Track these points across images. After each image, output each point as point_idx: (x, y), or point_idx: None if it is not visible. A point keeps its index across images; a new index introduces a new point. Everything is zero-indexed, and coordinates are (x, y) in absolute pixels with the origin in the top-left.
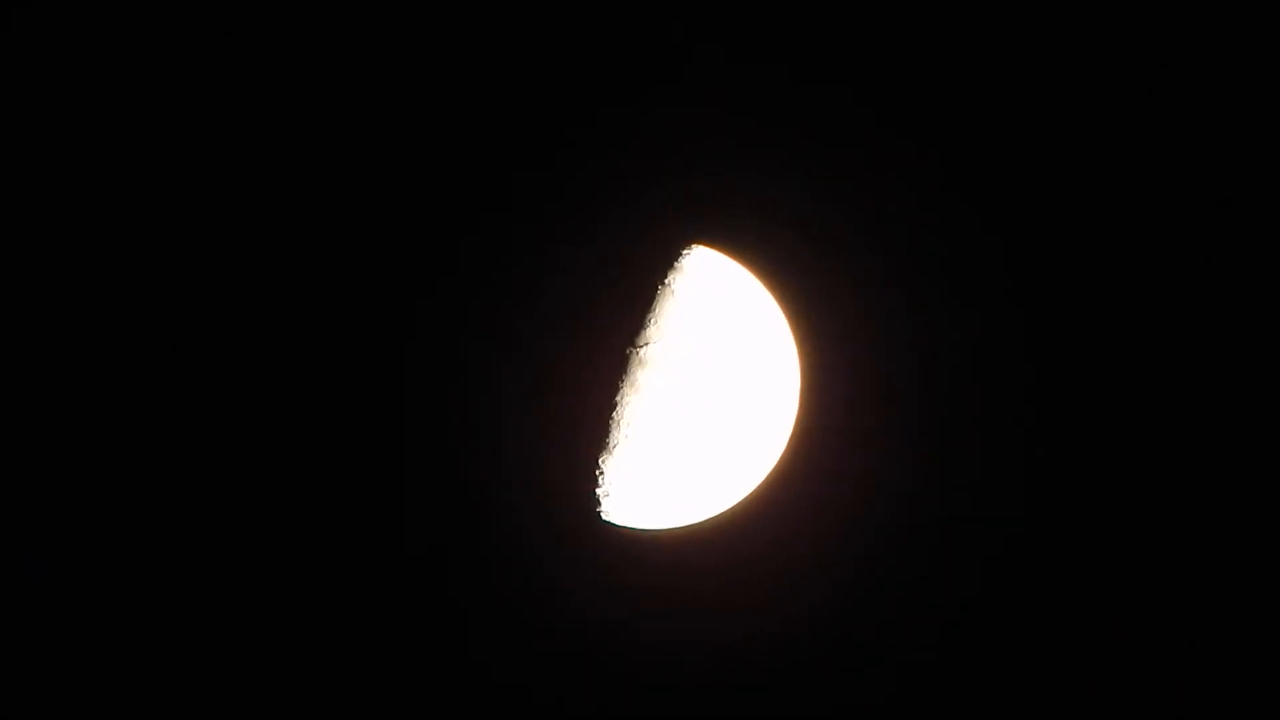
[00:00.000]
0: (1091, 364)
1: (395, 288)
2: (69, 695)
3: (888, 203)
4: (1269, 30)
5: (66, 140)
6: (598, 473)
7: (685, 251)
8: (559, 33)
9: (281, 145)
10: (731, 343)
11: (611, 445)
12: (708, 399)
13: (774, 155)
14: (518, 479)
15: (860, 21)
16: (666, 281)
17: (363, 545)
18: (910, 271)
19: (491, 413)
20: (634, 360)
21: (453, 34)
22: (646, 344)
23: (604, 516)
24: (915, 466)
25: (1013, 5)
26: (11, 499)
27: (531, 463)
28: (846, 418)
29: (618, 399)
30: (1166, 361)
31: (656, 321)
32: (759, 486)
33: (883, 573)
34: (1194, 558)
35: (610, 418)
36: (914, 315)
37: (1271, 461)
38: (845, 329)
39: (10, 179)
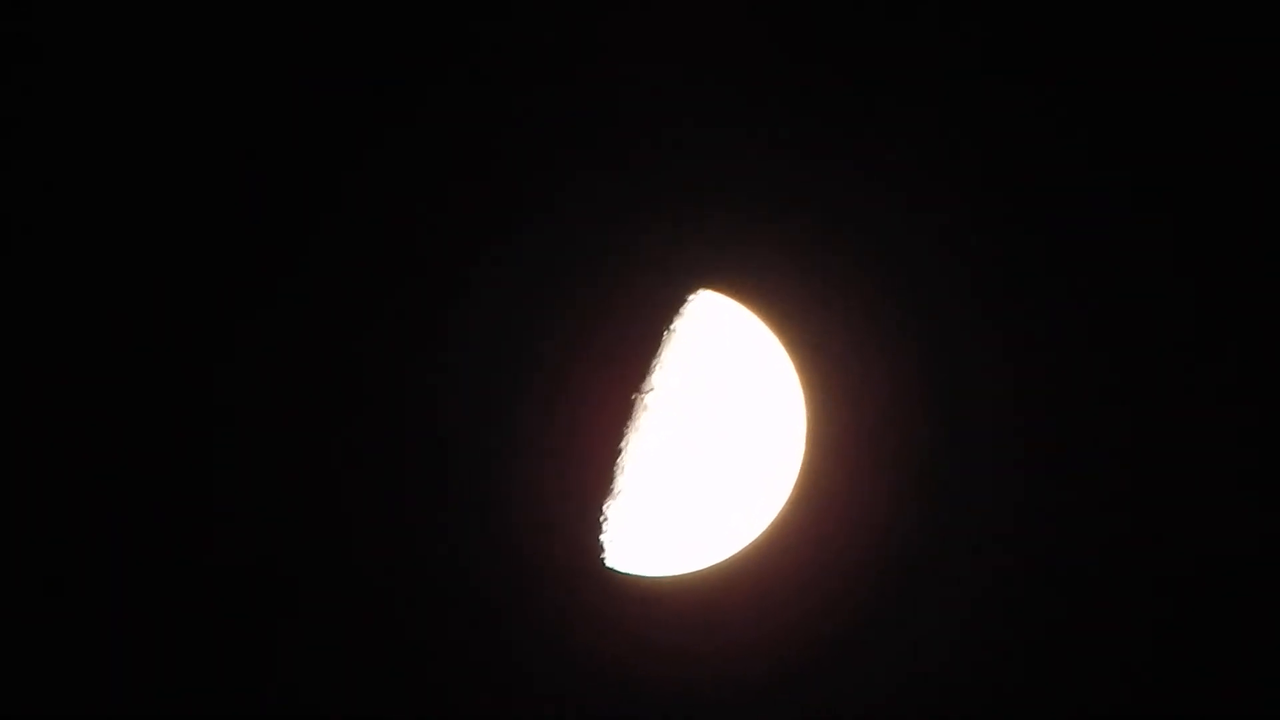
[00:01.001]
0: (1111, 416)
1: (396, 322)
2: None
3: (904, 252)
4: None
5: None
6: (601, 519)
7: (691, 296)
8: (551, 82)
9: (271, 150)
10: (737, 388)
11: (616, 491)
12: (713, 445)
13: (785, 200)
14: (519, 525)
15: (892, 63)
16: (672, 326)
17: (351, 594)
18: (925, 321)
19: (492, 459)
20: (638, 405)
21: (439, 71)
22: (651, 389)
23: (608, 563)
24: (925, 515)
25: (1041, 53)
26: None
27: (534, 509)
28: (854, 464)
29: (622, 445)
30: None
31: (661, 366)
32: (765, 533)
33: (892, 621)
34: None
35: (614, 464)
36: (927, 365)
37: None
38: (853, 374)
39: None
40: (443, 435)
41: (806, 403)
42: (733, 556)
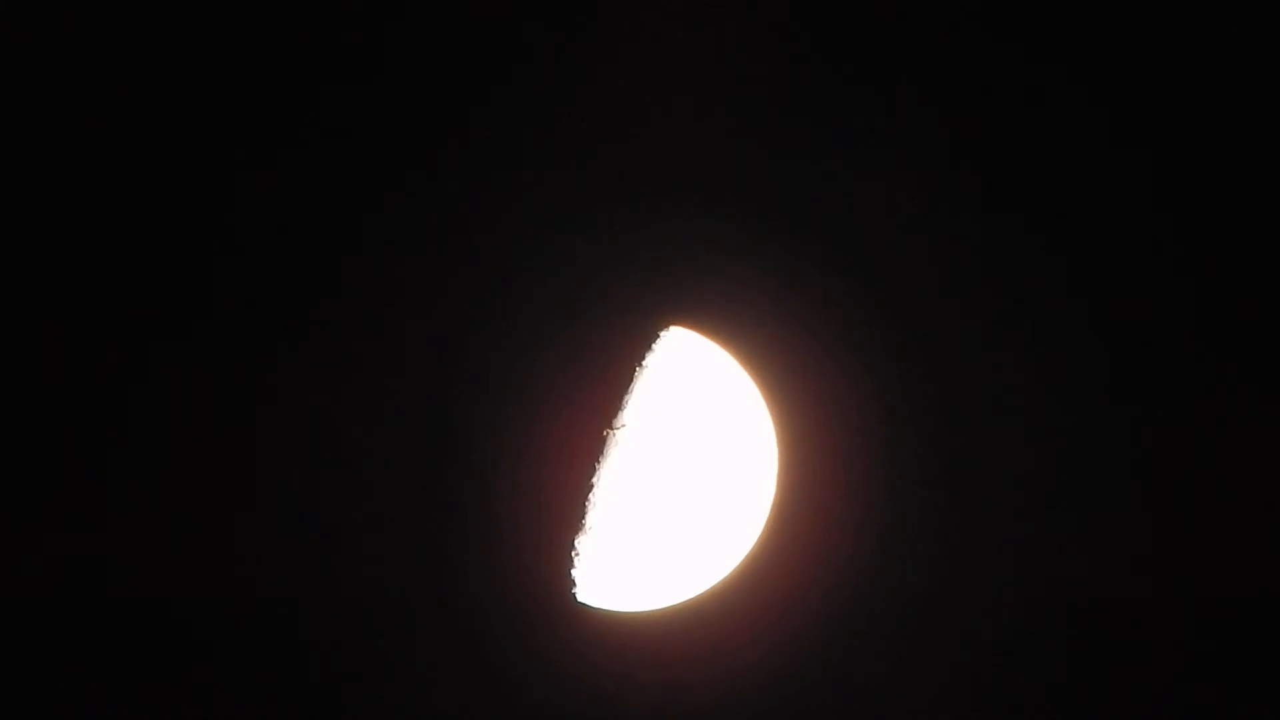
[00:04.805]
0: (1084, 450)
1: (376, 356)
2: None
3: (878, 287)
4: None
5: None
6: (573, 554)
7: (662, 332)
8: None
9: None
10: (709, 423)
11: (587, 526)
12: (685, 479)
13: (756, 235)
14: (491, 561)
15: (863, 96)
16: (643, 362)
17: (311, 637)
18: (896, 357)
19: (462, 495)
20: (610, 441)
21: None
22: (622, 425)
23: (579, 598)
24: (899, 550)
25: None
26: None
27: (505, 544)
28: (826, 499)
29: (593, 480)
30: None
31: (632, 402)
32: (737, 568)
33: (867, 655)
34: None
35: (586, 499)
36: (898, 401)
37: None
38: (826, 409)
39: None
40: (410, 470)
41: (778, 436)
42: (705, 591)
